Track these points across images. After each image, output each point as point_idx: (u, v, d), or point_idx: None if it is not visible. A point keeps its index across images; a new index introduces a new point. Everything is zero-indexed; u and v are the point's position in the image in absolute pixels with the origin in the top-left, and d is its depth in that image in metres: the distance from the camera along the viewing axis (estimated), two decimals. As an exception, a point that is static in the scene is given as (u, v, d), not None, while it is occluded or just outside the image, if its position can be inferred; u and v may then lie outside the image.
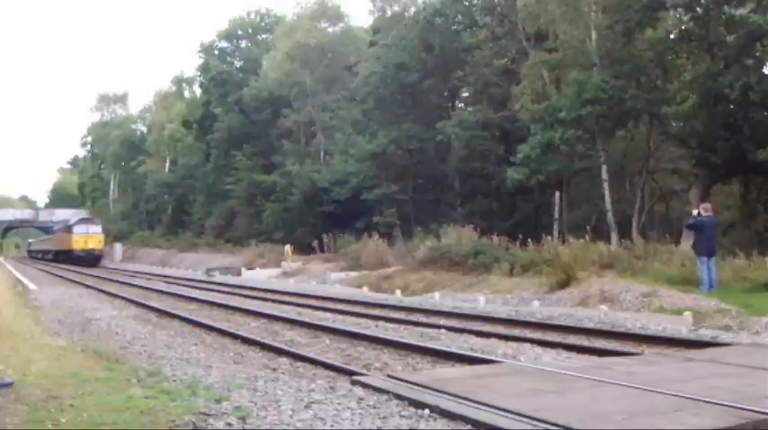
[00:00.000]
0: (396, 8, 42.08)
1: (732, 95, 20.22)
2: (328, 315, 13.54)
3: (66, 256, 49.62)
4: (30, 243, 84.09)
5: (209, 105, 55.43)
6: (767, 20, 19.15)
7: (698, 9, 22.16)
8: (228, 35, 59.72)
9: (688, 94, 22.54)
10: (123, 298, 17.75)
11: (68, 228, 50.08)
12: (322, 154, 44.93)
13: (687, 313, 11.45)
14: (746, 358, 7.46)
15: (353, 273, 26.49)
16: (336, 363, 7.99)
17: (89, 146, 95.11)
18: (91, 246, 47.90)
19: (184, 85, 74.05)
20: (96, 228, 49.77)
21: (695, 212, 15.89)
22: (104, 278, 28.40)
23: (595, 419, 4.75)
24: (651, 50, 23.90)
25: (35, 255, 73.38)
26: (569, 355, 8.49)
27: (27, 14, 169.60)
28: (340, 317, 13.17)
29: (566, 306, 14.61)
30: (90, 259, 46.88)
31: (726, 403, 5.10)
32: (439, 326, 11.24)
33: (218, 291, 20.93)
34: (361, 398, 5.63)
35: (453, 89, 38.14)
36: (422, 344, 9.21)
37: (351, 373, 7.08)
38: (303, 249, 35.84)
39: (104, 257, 51.14)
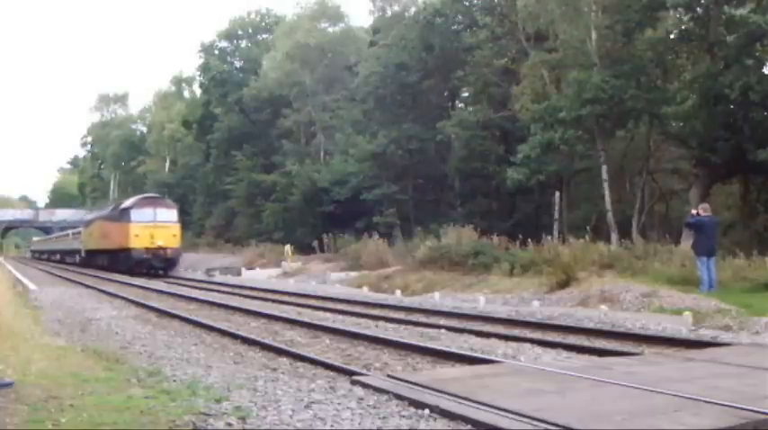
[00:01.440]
0: (396, 8, 42.16)
1: (732, 95, 20.23)
2: (328, 315, 13.53)
3: (112, 260, 32.91)
4: (33, 242, 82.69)
5: (209, 105, 55.50)
6: (767, 20, 19.16)
7: (698, 9, 22.17)
8: (228, 35, 59.79)
9: (688, 93, 22.55)
10: (123, 298, 17.73)
11: (122, 214, 31.43)
12: (322, 154, 44.96)
13: (687, 313, 11.45)
14: (746, 358, 7.46)
15: (353, 273, 26.49)
16: (336, 363, 7.98)
17: (89, 146, 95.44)
18: (160, 242, 29.74)
19: (184, 84, 74.25)
20: (169, 214, 31.35)
21: (694, 212, 15.91)
22: (104, 278, 28.38)
23: (595, 419, 4.76)
24: (651, 50, 23.92)
25: (42, 256, 64.42)
26: (569, 355, 8.48)
27: (27, 14, 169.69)
28: (340, 317, 13.16)
29: (566, 306, 14.61)
30: (159, 264, 29.92)
31: (726, 403, 5.11)
32: (439, 326, 11.23)
33: (218, 291, 20.91)
34: (361, 398, 5.63)
35: (453, 89, 38.17)
36: (422, 344, 9.20)
37: (351, 373, 7.07)
38: (303, 249, 35.84)
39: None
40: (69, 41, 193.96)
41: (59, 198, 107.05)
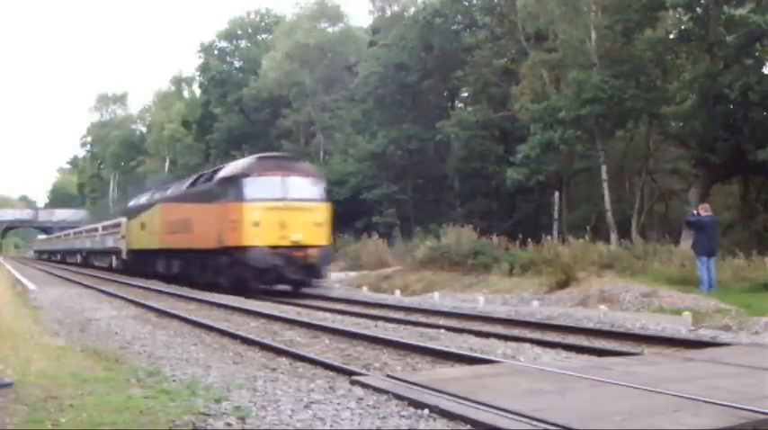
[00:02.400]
0: (395, 8, 42.18)
1: (732, 95, 20.25)
2: (327, 315, 13.51)
3: (195, 265, 21.18)
4: (36, 241, 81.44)
5: (208, 105, 55.47)
6: (767, 20, 19.17)
7: (697, 9, 22.18)
8: (228, 35, 59.76)
9: (687, 93, 22.56)
10: (123, 298, 17.72)
11: (224, 186, 19.10)
12: (322, 154, 44.91)
13: (687, 313, 11.45)
14: (746, 358, 7.46)
15: (353, 273, 26.49)
16: (336, 363, 7.98)
17: (89, 146, 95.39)
18: (297, 236, 18.01)
19: (184, 85, 74.16)
20: (310, 186, 18.97)
21: (695, 212, 15.95)
22: (104, 278, 28.36)
23: (595, 419, 4.76)
24: (651, 50, 23.92)
25: (52, 257, 58.59)
26: (569, 355, 8.48)
27: (27, 14, 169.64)
28: (339, 317, 13.15)
29: (565, 306, 14.61)
30: (294, 275, 18.07)
31: (725, 403, 5.11)
32: (438, 326, 11.23)
33: (217, 291, 20.88)
34: (361, 398, 5.63)
35: (453, 89, 38.18)
36: (421, 343, 9.20)
37: (350, 373, 7.07)
38: (303, 249, 35.75)
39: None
40: (69, 41, 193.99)
41: (59, 198, 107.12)
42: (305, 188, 18.59)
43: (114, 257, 33.68)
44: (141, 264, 27.38)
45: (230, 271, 18.60)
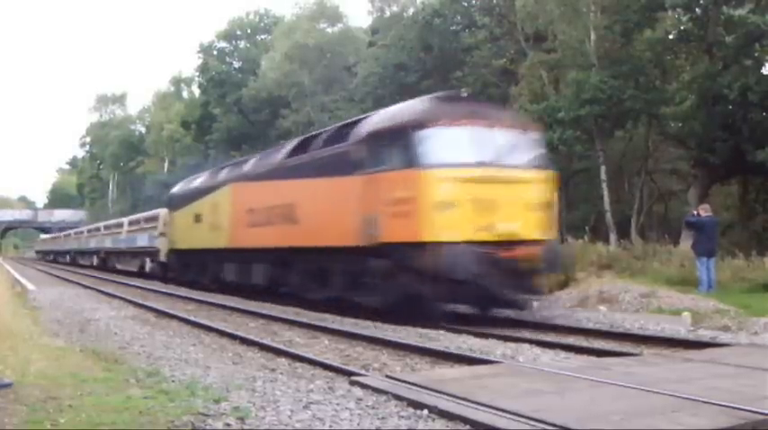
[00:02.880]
0: (394, 8, 42.14)
1: (731, 96, 20.25)
2: (327, 315, 13.51)
3: (294, 275, 15.43)
4: (39, 240, 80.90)
5: (207, 106, 55.43)
6: (766, 20, 19.18)
7: (697, 9, 22.18)
8: (227, 35, 59.73)
9: (687, 94, 22.56)
10: (122, 298, 17.72)
11: (380, 144, 11.88)
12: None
13: (686, 313, 11.45)
14: (745, 358, 7.47)
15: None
16: (335, 364, 7.98)
17: (88, 146, 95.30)
18: (512, 225, 11.09)
19: (183, 85, 74.12)
20: (526, 147, 11.94)
21: (695, 213, 15.96)
22: (103, 278, 28.35)
23: (594, 419, 4.76)
24: (650, 51, 23.92)
25: (59, 258, 55.33)
26: (568, 356, 8.48)
27: (26, 14, 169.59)
28: (338, 317, 13.15)
29: (564, 306, 14.61)
30: (510, 292, 11.06)
31: (724, 403, 5.11)
32: (438, 327, 11.22)
33: (216, 292, 20.87)
34: (360, 399, 5.64)
35: (452, 89, 38.10)
36: (420, 344, 9.20)
37: (349, 374, 7.07)
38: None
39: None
40: (68, 42, 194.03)
41: (58, 198, 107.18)
42: (518, 148, 11.84)
43: (149, 260, 27.79)
44: (193, 268, 21.52)
45: (392, 283, 11.80)
